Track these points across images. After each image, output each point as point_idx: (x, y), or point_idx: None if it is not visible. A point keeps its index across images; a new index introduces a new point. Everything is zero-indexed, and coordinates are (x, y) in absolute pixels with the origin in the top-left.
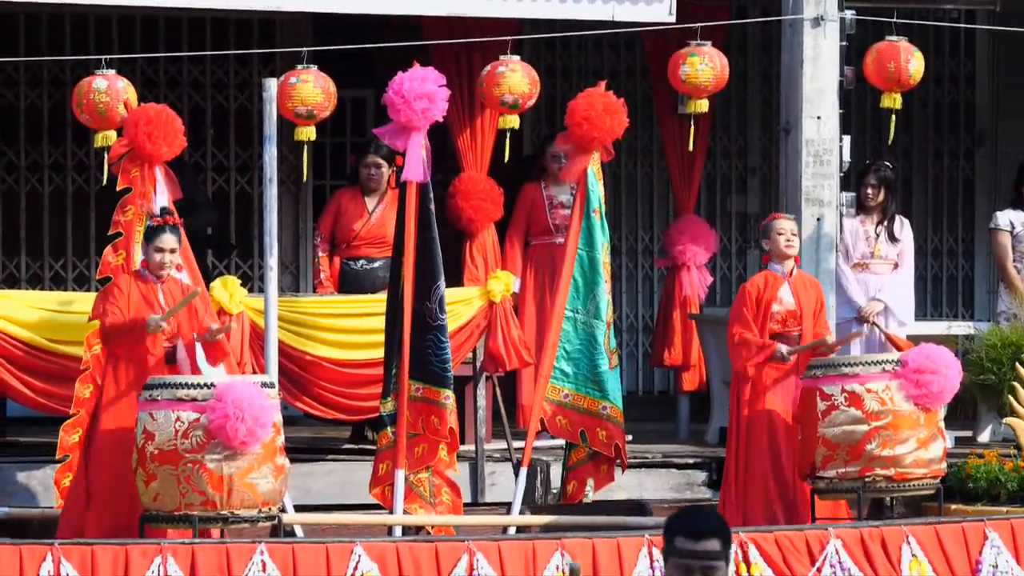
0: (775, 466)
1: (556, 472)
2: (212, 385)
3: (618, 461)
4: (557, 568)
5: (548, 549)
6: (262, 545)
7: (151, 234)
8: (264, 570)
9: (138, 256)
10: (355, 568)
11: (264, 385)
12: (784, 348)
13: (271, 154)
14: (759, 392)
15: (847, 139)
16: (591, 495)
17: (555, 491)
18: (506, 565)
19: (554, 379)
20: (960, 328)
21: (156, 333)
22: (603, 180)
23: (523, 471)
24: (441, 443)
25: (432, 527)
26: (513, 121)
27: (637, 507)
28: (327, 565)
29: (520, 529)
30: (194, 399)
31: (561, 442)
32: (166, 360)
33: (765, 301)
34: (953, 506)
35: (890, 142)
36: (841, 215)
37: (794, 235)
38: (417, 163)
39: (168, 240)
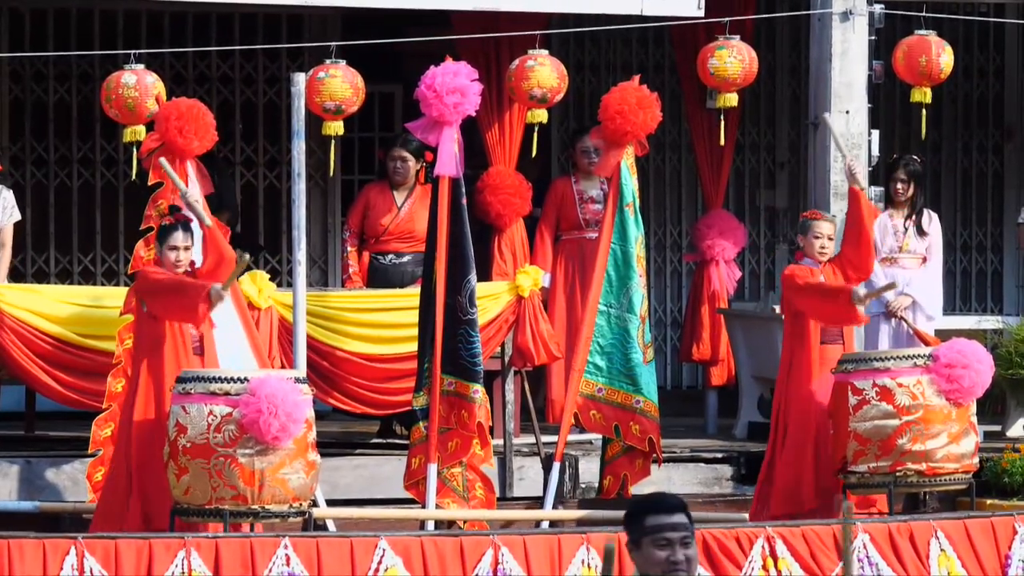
0: (814, 460)
1: (584, 466)
2: (246, 380)
3: (654, 455)
4: (583, 563)
5: (574, 544)
6: (286, 539)
7: (164, 233)
8: (288, 564)
9: None
10: (379, 562)
11: (297, 381)
12: (861, 290)
13: (299, 149)
14: (801, 384)
15: (875, 133)
16: None
17: (583, 485)
18: (531, 560)
19: (588, 373)
20: (989, 323)
21: (217, 303)
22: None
23: (556, 465)
24: (473, 438)
25: (464, 522)
26: (541, 115)
27: None
28: (351, 559)
29: (553, 523)
30: (227, 393)
31: (590, 436)
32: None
33: None
34: (988, 501)
35: (922, 137)
36: None
37: (831, 239)
38: (449, 158)
39: (180, 238)
